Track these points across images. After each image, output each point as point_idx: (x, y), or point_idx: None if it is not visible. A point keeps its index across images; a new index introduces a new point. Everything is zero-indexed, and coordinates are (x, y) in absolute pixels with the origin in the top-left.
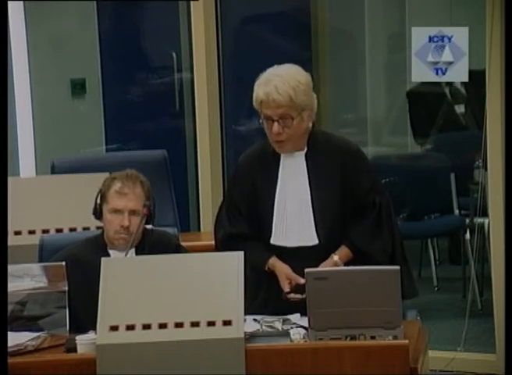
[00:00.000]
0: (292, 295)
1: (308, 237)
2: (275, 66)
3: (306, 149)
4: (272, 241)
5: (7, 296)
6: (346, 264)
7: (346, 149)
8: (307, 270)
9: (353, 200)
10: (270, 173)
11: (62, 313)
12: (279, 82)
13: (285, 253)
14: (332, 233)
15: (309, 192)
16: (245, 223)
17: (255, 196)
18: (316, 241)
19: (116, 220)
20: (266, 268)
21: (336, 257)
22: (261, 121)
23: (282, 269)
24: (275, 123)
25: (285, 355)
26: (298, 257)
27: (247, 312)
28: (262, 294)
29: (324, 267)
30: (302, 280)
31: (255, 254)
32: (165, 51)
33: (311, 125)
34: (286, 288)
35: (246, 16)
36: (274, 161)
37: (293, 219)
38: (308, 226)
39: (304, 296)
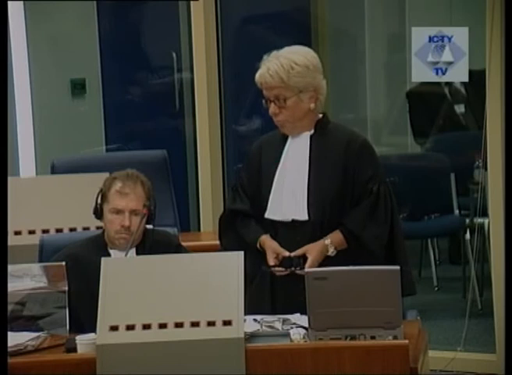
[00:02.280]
0: (276, 269)
1: (299, 212)
2: (287, 47)
3: (313, 131)
4: (266, 215)
5: (7, 296)
6: (338, 252)
7: (352, 138)
8: (307, 270)
9: (352, 187)
10: (275, 153)
11: (62, 313)
12: (273, 64)
13: (276, 227)
14: (323, 212)
15: (307, 170)
16: (248, 202)
17: (260, 175)
18: (306, 217)
19: (117, 220)
20: (258, 246)
21: (327, 241)
22: (264, 102)
23: (270, 244)
24: (272, 104)
25: (285, 355)
26: (289, 232)
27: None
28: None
29: (312, 248)
30: (287, 253)
31: (250, 231)
32: (165, 51)
33: (313, 106)
34: (271, 262)
35: (246, 16)
36: (282, 142)
37: (289, 194)
38: (302, 201)
39: (288, 271)
